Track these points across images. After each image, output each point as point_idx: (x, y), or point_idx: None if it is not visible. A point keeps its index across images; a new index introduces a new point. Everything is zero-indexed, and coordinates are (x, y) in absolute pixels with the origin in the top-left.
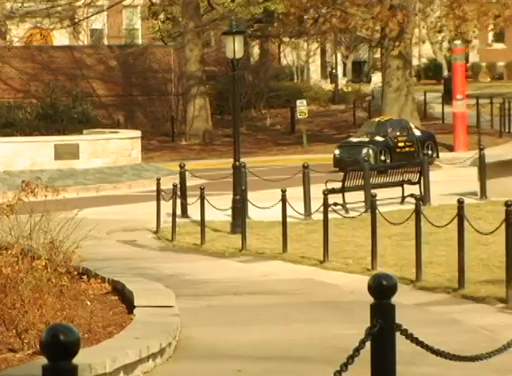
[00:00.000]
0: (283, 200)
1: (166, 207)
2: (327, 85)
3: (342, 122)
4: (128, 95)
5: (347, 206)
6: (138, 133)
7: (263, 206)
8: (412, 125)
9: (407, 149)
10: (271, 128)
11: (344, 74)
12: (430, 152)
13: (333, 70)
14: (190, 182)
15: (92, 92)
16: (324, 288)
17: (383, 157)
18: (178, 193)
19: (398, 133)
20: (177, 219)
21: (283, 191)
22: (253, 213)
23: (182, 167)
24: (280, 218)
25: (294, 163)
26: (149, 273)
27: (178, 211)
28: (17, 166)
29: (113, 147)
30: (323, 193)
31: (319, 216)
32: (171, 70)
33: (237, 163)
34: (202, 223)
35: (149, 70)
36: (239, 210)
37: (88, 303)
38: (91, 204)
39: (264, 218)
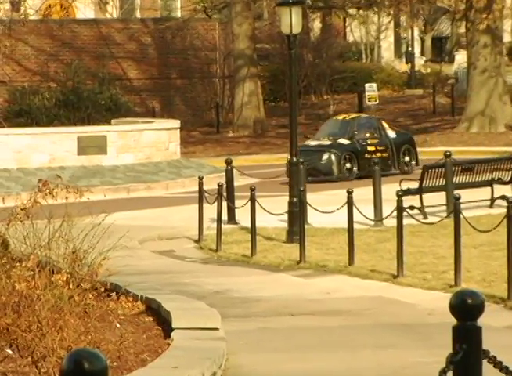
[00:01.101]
0: (349, 202)
1: (209, 211)
2: (402, 66)
3: (419, 110)
4: (164, 77)
5: (426, 210)
6: (176, 123)
7: (325, 210)
8: (386, 125)
9: (379, 154)
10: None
11: (422, 53)
12: (407, 159)
13: (409, 48)
14: (238, 181)
15: (122, 74)
16: (397, 308)
17: (348, 165)
18: (224, 194)
19: (367, 135)
20: (222, 226)
21: (349, 192)
22: (313, 218)
23: (228, 163)
24: (346, 225)
25: None
26: (190, 290)
27: (224, 216)
28: (33, 162)
29: (147, 140)
30: (397, 195)
31: (392, 222)
32: (216, 49)
33: (294, 159)
34: (252, 230)
35: (189, 48)
36: (297, 214)
37: (118, 325)
38: (120, 207)
39: (326, 225)
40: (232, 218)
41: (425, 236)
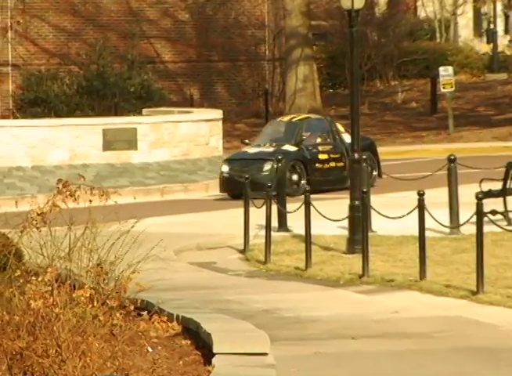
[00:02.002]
0: (421, 206)
1: (257, 216)
2: (482, 46)
3: (503, 98)
4: (204, 60)
5: (511, 215)
6: (218, 113)
7: (392, 215)
8: (341, 127)
9: (333, 164)
10: (403, 107)
11: (506, 31)
12: (368, 169)
13: (491, 26)
14: None
15: (155, 56)
16: (477, 329)
17: (295, 177)
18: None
19: (318, 140)
20: (272, 233)
21: (421, 194)
22: (378, 225)
23: (279, 160)
24: (416, 232)
25: (436, 155)
26: (234, 308)
27: (274, 222)
28: (51, 159)
29: (184, 133)
30: (477, 197)
31: (471, 229)
32: (265, 26)
33: (356, 155)
34: (307, 239)
35: (233, 25)
36: (359, 220)
37: (150, 349)
38: (153, 211)
39: (393, 232)
40: (283, 225)
41: (509, 246)
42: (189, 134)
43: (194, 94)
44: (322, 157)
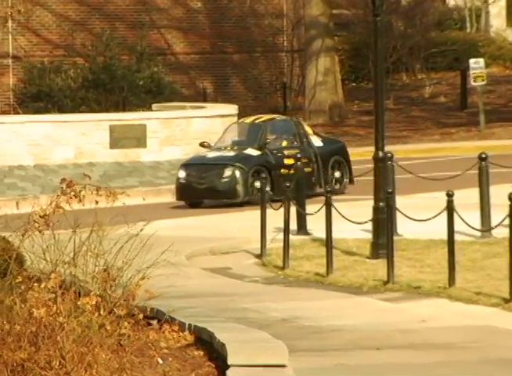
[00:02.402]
0: (450, 208)
1: (274, 218)
2: None
3: None
4: (218, 52)
5: None
6: (233, 109)
7: (419, 217)
8: (309, 129)
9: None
10: (431, 101)
11: None
12: (338, 174)
13: None
14: None
15: (166, 47)
16: (509, 340)
17: (258, 184)
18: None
19: (284, 143)
20: (291, 237)
21: (450, 195)
22: (404, 228)
23: (298, 159)
24: (445, 236)
25: (466, 153)
26: (250, 317)
27: (293, 225)
28: (55, 158)
29: (197, 130)
30: (509, 198)
31: (504, 232)
32: (283, 15)
33: (380, 153)
34: (328, 243)
35: (249, 14)
36: (384, 223)
37: (160, 361)
38: (163, 213)
39: (420, 236)
40: (302, 228)
41: None
42: (202, 131)
43: (207, 88)
44: (288, 161)
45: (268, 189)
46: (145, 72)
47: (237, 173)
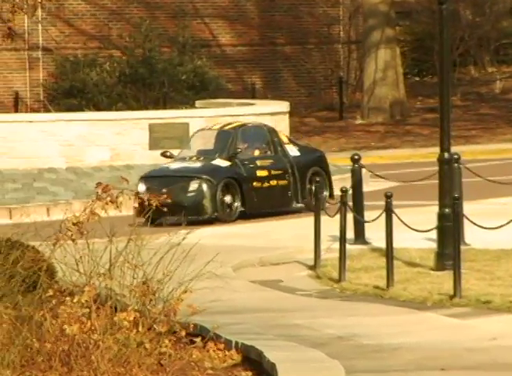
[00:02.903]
0: None
1: (330, 226)
2: None
3: None
4: (268, 43)
5: None
6: (284, 106)
7: (489, 225)
8: (284, 137)
9: (274, 182)
10: (502, 97)
11: None
12: (315, 187)
13: None
14: (369, 185)
15: (211, 38)
16: None
17: (227, 198)
18: (350, 203)
19: (256, 153)
20: (348, 246)
21: None
22: (472, 236)
23: (355, 161)
24: None
25: None
26: (303, 334)
27: (350, 234)
28: (89, 159)
29: None
30: None
31: None
32: (339, 3)
33: (446, 154)
34: (388, 253)
35: (302, 2)
36: (450, 231)
37: None
38: (207, 220)
39: (490, 245)
40: (360, 236)
41: None
42: None
43: (256, 83)
44: (260, 173)
45: (237, 204)
46: (187, 66)
47: (204, 186)
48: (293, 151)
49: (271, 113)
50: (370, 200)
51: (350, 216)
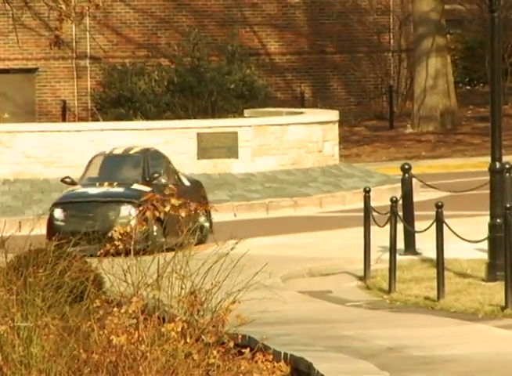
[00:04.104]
0: None
1: (380, 236)
2: None
3: None
4: (317, 52)
5: None
6: (334, 115)
7: None
8: (174, 166)
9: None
10: None
11: None
12: (202, 219)
13: None
14: (420, 195)
15: (260, 47)
16: None
17: (156, 228)
18: (400, 213)
19: (163, 180)
20: (398, 257)
21: None
22: None
23: (406, 170)
24: None
25: None
26: (353, 346)
27: (400, 244)
28: None
29: (294, 138)
30: None
31: None
32: (389, 11)
33: (498, 164)
34: (439, 264)
35: (352, 10)
36: (501, 242)
37: None
38: (257, 230)
39: None
40: (410, 247)
41: None
42: (299, 139)
43: (305, 92)
44: (175, 201)
45: (157, 235)
46: (236, 74)
47: (133, 211)
48: (186, 181)
49: (320, 123)
50: (420, 210)
51: (400, 226)
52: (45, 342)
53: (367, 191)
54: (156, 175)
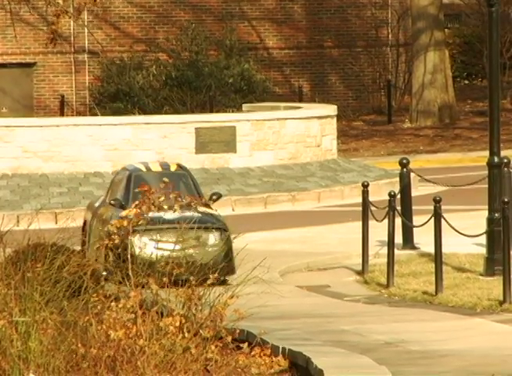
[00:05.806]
0: None
1: (378, 231)
2: None
3: None
4: (315, 46)
5: None
6: (332, 109)
7: None
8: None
9: None
10: None
11: None
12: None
13: None
14: (418, 190)
15: (258, 42)
16: None
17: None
18: (398, 208)
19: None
20: (396, 251)
21: None
22: None
23: (404, 165)
24: None
25: None
26: (351, 340)
27: (398, 239)
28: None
29: (292, 133)
30: None
31: None
32: (388, 6)
33: (496, 158)
34: (437, 258)
35: (350, 4)
36: (499, 236)
37: None
38: (255, 225)
39: None
40: (408, 242)
41: None
42: (297, 134)
43: (304, 86)
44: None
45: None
46: (234, 69)
47: (217, 237)
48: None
49: (318, 117)
50: (419, 204)
51: (398, 221)
52: (43, 337)
53: (365, 186)
54: (215, 197)
